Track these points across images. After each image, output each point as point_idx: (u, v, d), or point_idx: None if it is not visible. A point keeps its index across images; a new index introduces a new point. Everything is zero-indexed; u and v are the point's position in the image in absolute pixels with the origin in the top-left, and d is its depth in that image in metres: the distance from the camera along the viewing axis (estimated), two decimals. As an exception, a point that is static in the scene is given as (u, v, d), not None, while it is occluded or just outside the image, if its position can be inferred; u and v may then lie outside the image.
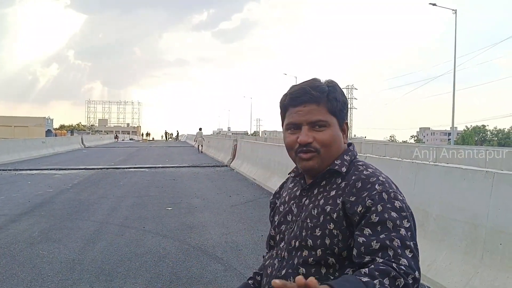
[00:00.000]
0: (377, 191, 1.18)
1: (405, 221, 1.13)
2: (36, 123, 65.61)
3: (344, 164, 1.29)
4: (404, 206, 1.17)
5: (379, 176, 1.23)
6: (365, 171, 1.26)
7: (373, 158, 6.45)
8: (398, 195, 1.19)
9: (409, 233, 1.11)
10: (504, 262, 3.47)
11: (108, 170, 15.24)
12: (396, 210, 1.14)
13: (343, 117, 1.31)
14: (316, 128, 1.26)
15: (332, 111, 1.27)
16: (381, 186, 1.19)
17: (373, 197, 1.16)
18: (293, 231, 1.31)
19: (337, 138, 1.29)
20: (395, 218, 1.12)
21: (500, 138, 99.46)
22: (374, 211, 1.14)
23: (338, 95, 1.29)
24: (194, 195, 9.61)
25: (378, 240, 1.09)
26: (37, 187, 10.66)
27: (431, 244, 4.34)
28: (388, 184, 1.21)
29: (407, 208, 1.18)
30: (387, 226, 1.11)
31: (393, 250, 1.07)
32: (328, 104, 1.27)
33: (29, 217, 7.03)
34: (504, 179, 3.67)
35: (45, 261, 4.76)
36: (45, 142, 25.25)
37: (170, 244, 5.49)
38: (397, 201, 1.16)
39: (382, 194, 1.17)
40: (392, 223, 1.11)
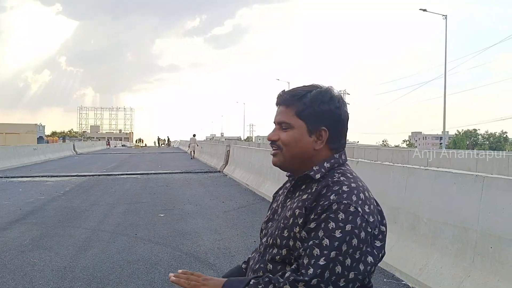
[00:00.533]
0: (329, 201, 1.20)
1: (338, 232, 1.14)
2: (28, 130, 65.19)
3: (321, 170, 1.32)
4: (350, 219, 1.16)
5: (343, 185, 1.24)
6: (336, 178, 1.28)
7: (365, 162, 6.48)
8: (350, 207, 1.18)
9: (335, 244, 1.13)
10: (494, 265, 3.50)
11: (100, 177, 15.16)
12: (335, 221, 1.16)
13: (316, 123, 1.33)
14: (282, 128, 1.36)
15: (299, 115, 1.33)
16: (336, 196, 1.21)
17: (324, 206, 1.20)
18: (270, 230, 1.39)
19: (298, 140, 1.34)
20: (330, 229, 1.15)
21: (491, 142, 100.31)
22: (316, 219, 1.19)
23: (314, 101, 1.33)
24: (186, 201, 9.58)
25: (303, 247, 1.18)
26: (28, 194, 10.58)
27: (422, 248, 4.37)
28: (347, 194, 1.21)
29: (355, 221, 1.16)
30: (317, 235, 1.16)
31: (308, 259, 1.14)
32: (297, 108, 1.33)
33: (20, 225, 6.98)
34: (494, 183, 3.71)
35: (36, 269, 4.72)
36: (36, 149, 25.06)
37: (162, 251, 5.47)
38: (342, 213, 1.16)
39: (332, 204, 1.19)
40: (323, 232, 1.15)
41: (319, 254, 1.13)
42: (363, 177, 1.40)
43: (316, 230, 1.17)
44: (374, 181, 5.52)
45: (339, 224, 1.15)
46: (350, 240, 1.14)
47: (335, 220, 1.16)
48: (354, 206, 1.18)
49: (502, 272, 3.41)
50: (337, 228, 1.14)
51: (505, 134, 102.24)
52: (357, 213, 1.17)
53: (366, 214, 1.19)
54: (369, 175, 5.73)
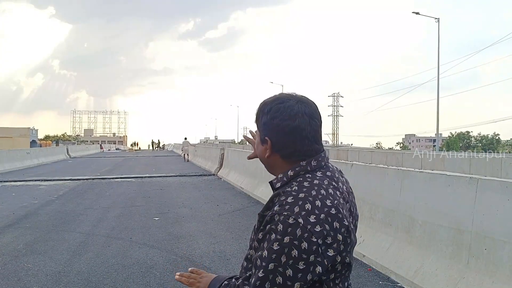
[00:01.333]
0: (273, 211, 1.22)
1: (276, 244, 1.15)
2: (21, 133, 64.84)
3: (283, 179, 1.34)
4: (288, 230, 1.15)
5: (289, 196, 1.23)
6: (288, 188, 1.28)
7: (360, 165, 6.50)
8: (289, 219, 1.17)
9: (273, 256, 1.15)
10: (489, 267, 3.52)
11: (94, 181, 15.10)
12: (275, 232, 1.17)
13: (263, 133, 1.37)
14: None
15: (256, 125, 1.43)
16: (279, 207, 1.21)
17: (268, 217, 1.23)
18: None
19: (258, 149, 1.44)
20: (270, 240, 1.17)
21: (484, 144, 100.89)
22: (262, 230, 1.23)
23: (258, 112, 1.41)
24: (181, 204, 9.56)
25: (254, 257, 1.23)
26: (21, 198, 10.52)
27: (417, 250, 4.39)
28: (289, 206, 1.20)
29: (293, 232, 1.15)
30: (262, 246, 1.20)
31: (254, 269, 1.21)
32: (256, 119, 1.43)
33: (13, 230, 6.93)
34: (488, 185, 3.74)
35: (30, 274, 4.69)
36: (29, 153, 24.93)
37: (157, 255, 5.45)
38: (281, 224, 1.17)
39: (274, 215, 1.20)
40: (266, 243, 1.18)
41: (259, 265, 1.17)
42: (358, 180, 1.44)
43: (262, 241, 1.22)
44: (369, 184, 5.55)
45: (277, 236, 1.16)
46: (289, 252, 1.14)
47: (275, 232, 1.17)
48: (294, 218, 1.16)
49: (496, 274, 3.44)
50: (275, 240, 1.16)
51: (498, 136, 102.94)
52: (297, 224, 1.15)
53: (310, 225, 1.16)
54: (364, 178, 5.75)
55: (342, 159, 19.59)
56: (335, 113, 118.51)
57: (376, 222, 5.26)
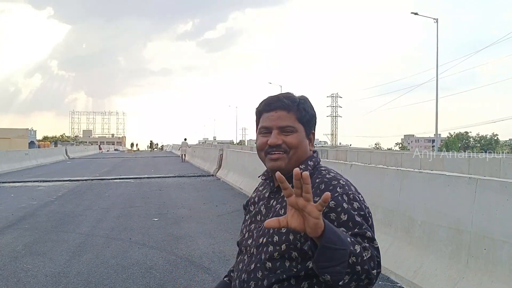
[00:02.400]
0: (338, 193, 1.31)
1: (365, 218, 1.30)
2: (19, 134, 64.79)
3: (308, 169, 1.43)
4: (362, 206, 1.32)
5: (340, 179, 1.38)
6: (327, 174, 1.41)
7: (359, 166, 6.51)
8: (357, 197, 1.34)
9: (372, 230, 1.29)
10: (488, 267, 3.52)
11: (93, 182, 15.09)
12: (359, 209, 1.30)
13: (310, 127, 1.49)
14: (285, 132, 1.42)
15: (300, 120, 1.44)
16: (341, 188, 1.33)
17: (336, 198, 1.30)
18: (261, 230, 1.43)
19: (303, 143, 1.45)
20: (360, 215, 1.29)
21: (482, 144, 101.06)
22: (341, 211, 1.28)
23: (307, 107, 1.47)
24: (180, 205, 9.56)
25: (353, 233, 1.24)
26: (20, 199, 10.50)
27: (417, 250, 4.39)
28: (347, 186, 1.35)
29: (365, 207, 1.34)
30: (357, 221, 1.27)
31: (367, 239, 1.23)
32: (298, 113, 1.44)
33: (12, 231, 6.92)
34: (487, 185, 3.74)
35: (30, 275, 4.68)
36: (28, 154, 24.88)
37: (157, 255, 5.45)
38: (356, 202, 1.32)
39: (343, 196, 1.31)
40: (360, 218, 1.28)
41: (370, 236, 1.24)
42: (357, 180, 1.52)
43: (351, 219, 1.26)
44: (368, 185, 5.55)
45: (360, 212, 1.30)
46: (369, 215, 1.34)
47: (356, 209, 1.29)
48: (358, 195, 1.35)
49: (496, 274, 3.44)
50: (362, 216, 1.29)
51: (496, 136, 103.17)
52: (362, 201, 1.36)
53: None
54: (364, 179, 5.75)
55: (341, 159, 19.62)
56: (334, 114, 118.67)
57: (376, 222, 5.22)
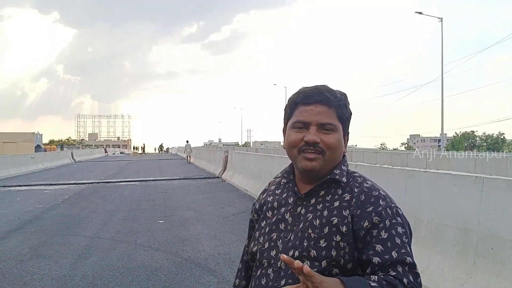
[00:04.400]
0: (382, 206, 1.21)
1: (406, 238, 1.20)
2: (25, 138, 65.10)
3: (343, 174, 1.30)
4: (404, 221, 1.24)
5: (379, 190, 1.28)
6: (365, 183, 1.29)
7: (364, 166, 6.48)
8: (399, 210, 1.24)
9: (411, 250, 1.18)
10: (495, 266, 3.49)
11: (98, 185, 15.13)
12: (401, 226, 1.20)
13: (347, 127, 1.34)
14: (324, 130, 1.26)
15: (340, 118, 1.29)
16: (384, 201, 1.23)
17: (379, 212, 1.20)
18: (290, 241, 1.26)
19: (340, 144, 1.30)
20: (401, 234, 1.19)
21: (489, 143, 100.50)
22: (383, 227, 1.18)
23: (346, 104, 1.32)
24: (186, 207, 9.56)
25: (390, 257, 1.14)
26: (26, 203, 10.54)
27: (423, 251, 4.35)
28: (389, 199, 1.26)
29: (406, 222, 1.25)
30: (396, 243, 1.16)
31: (402, 267, 1.13)
32: (338, 110, 1.28)
33: (18, 234, 6.94)
34: (494, 184, 3.71)
35: (36, 278, 4.69)
36: (34, 158, 24.98)
37: (162, 258, 5.44)
38: (399, 217, 1.22)
39: (387, 209, 1.21)
40: (400, 240, 1.17)
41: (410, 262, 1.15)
42: None
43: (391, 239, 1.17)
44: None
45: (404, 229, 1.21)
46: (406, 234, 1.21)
47: (400, 225, 1.20)
48: (399, 208, 1.26)
49: (503, 273, 3.40)
50: (405, 234, 1.20)
51: (503, 135, 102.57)
52: (403, 214, 1.27)
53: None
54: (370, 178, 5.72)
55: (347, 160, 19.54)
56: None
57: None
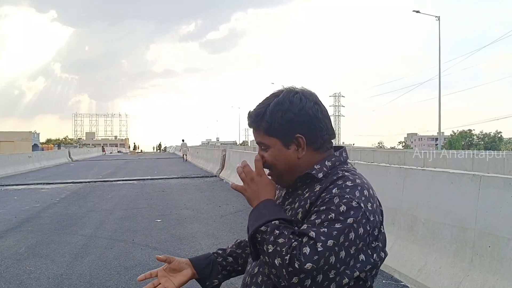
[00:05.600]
0: (331, 194, 1.17)
1: (338, 224, 1.11)
2: (22, 137, 64.92)
3: (323, 169, 1.27)
4: (351, 213, 1.13)
5: (347, 180, 1.21)
6: (340, 174, 1.25)
7: (362, 164, 6.48)
8: (352, 202, 1.15)
9: (334, 233, 1.10)
10: (493, 264, 3.49)
11: (96, 183, 15.10)
12: (335, 212, 1.13)
13: (289, 134, 1.28)
14: (262, 149, 1.33)
15: (269, 133, 1.29)
16: (339, 190, 1.18)
17: (325, 198, 1.17)
18: None
19: (279, 157, 1.29)
20: (330, 219, 1.12)
21: (486, 142, 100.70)
22: (317, 211, 1.16)
23: (271, 116, 1.29)
24: (183, 206, 9.55)
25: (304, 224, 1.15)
26: (23, 202, 10.51)
27: (420, 249, 4.36)
28: (350, 189, 1.18)
29: (356, 215, 1.13)
30: (314, 221, 1.13)
31: (307, 238, 1.10)
32: (264, 126, 1.29)
33: (15, 233, 6.92)
34: (491, 182, 3.71)
35: (33, 277, 4.68)
36: (31, 157, 24.92)
37: (160, 256, 5.42)
38: (344, 205, 1.14)
39: (334, 197, 1.16)
40: (321, 220, 1.12)
41: (315, 238, 1.09)
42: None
43: (317, 215, 1.14)
44: (371, 183, 5.50)
45: (339, 216, 1.12)
46: (347, 233, 1.11)
47: (335, 212, 1.13)
48: (357, 202, 1.15)
49: (501, 271, 3.41)
50: (336, 220, 1.12)
51: (500, 134, 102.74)
52: (360, 208, 1.14)
53: (368, 212, 1.16)
54: (366, 177, 5.71)
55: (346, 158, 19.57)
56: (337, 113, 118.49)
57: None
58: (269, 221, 1.17)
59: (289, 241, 1.11)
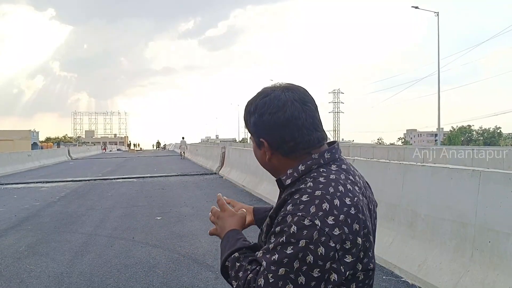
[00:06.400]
0: (286, 212, 1.09)
1: (289, 248, 1.03)
2: (22, 136, 64.90)
3: (293, 175, 1.21)
4: (304, 233, 1.03)
5: (304, 194, 1.11)
6: (303, 185, 1.15)
7: (361, 160, 6.48)
8: (304, 220, 1.04)
9: (285, 260, 1.03)
10: (493, 259, 3.49)
11: (95, 182, 15.10)
12: (286, 234, 1.05)
13: (256, 135, 1.26)
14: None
15: (250, 130, 1.29)
16: (293, 206, 1.09)
17: (279, 218, 1.10)
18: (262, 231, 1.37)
19: (256, 155, 1.33)
20: (281, 243, 1.05)
21: (485, 137, 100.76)
22: (273, 232, 1.10)
23: (246, 115, 1.29)
24: (183, 204, 9.55)
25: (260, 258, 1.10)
26: (23, 201, 10.51)
27: (420, 244, 4.36)
28: (304, 205, 1.07)
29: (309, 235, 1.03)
30: (268, 247, 1.08)
31: (262, 272, 1.06)
32: (248, 124, 1.29)
33: (15, 232, 6.92)
34: (491, 177, 3.71)
35: (33, 275, 4.68)
36: (31, 155, 24.91)
37: (160, 254, 5.43)
38: (295, 226, 1.04)
39: (287, 216, 1.07)
40: (273, 245, 1.06)
41: (267, 269, 1.04)
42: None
43: (270, 242, 1.09)
44: (371, 179, 5.49)
45: (290, 239, 1.03)
46: (303, 257, 1.01)
47: (287, 234, 1.04)
48: (310, 219, 1.04)
49: (501, 266, 3.41)
50: (288, 243, 1.03)
51: (499, 129, 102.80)
52: (314, 226, 1.03)
53: (328, 227, 1.03)
54: (366, 173, 5.70)
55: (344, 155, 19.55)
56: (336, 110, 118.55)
57: (378, 217, 5.23)
58: (229, 255, 1.22)
59: (245, 273, 1.13)
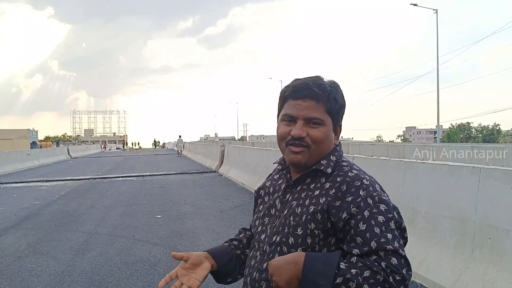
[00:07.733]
0: (361, 197, 1.19)
1: (392, 223, 1.16)
2: (21, 135, 64.73)
3: (330, 164, 1.30)
4: (390, 207, 1.19)
5: (363, 179, 1.25)
6: (350, 172, 1.27)
7: (360, 158, 6.48)
8: (382, 197, 1.21)
9: (397, 232, 1.16)
10: (493, 256, 3.50)
11: (95, 180, 15.10)
12: (382, 214, 1.16)
13: (339, 119, 1.33)
14: (311, 124, 1.28)
15: (329, 111, 1.29)
16: (365, 191, 1.20)
17: (358, 203, 1.17)
18: (275, 227, 1.33)
19: (328, 137, 1.30)
20: (381, 223, 1.14)
21: (484, 134, 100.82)
22: (361, 219, 1.15)
23: (339, 97, 1.31)
24: (183, 202, 9.56)
25: (368, 248, 1.12)
26: (23, 200, 10.51)
27: (421, 242, 4.37)
28: (372, 187, 1.23)
29: (393, 208, 1.21)
30: (375, 233, 1.13)
31: (382, 253, 1.11)
32: (327, 104, 1.28)
33: (16, 230, 6.92)
34: (490, 174, 3.71)
35: (34, 274, 4.68)
36: (30, 154, 24.89)
37: (160, 252, 5.44)
38: (382, 204, 1.18)
39: (366, 199, 1.18)
40: (379, 229, 1.14)
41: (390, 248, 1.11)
42: None
43: (370, 229, 1.14)
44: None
45: (387, 215, 1.17)
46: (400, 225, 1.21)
47: (381, 214, 1.17)
48: (384, 195, 1.22)
49: (501, 263, 3.42)
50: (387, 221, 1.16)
51: (498, 126, 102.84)
52: (388, 200, 1.22)
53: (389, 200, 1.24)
54: (366, 171, 5.72)
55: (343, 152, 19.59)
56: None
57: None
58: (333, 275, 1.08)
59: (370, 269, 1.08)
